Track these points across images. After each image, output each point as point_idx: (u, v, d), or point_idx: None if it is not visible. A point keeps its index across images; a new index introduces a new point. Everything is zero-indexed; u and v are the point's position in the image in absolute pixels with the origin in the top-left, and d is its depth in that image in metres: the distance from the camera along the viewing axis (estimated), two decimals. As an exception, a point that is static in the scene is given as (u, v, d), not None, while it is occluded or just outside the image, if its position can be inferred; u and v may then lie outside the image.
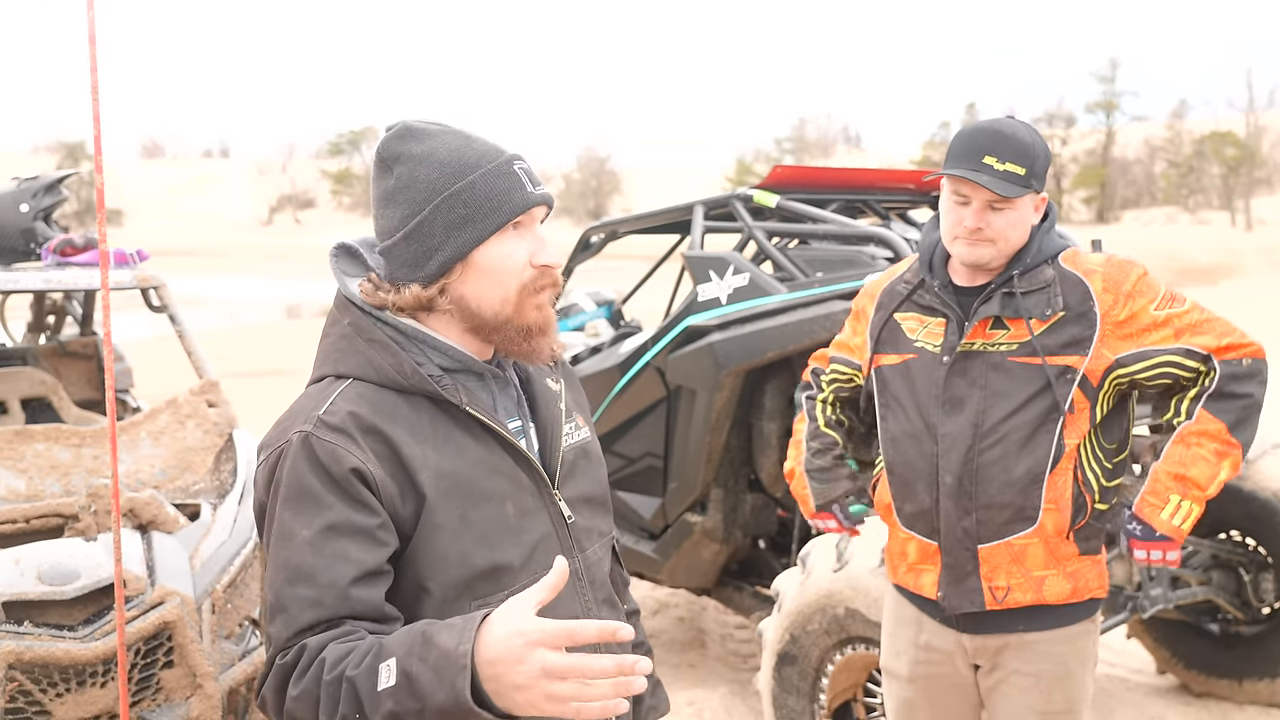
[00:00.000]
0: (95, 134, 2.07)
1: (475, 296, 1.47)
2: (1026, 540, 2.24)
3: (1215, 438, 2.20)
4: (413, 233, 1.46)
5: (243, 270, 47.13)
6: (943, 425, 2.26)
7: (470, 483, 1.44)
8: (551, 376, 1.65)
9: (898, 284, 2.43)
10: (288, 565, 1.36)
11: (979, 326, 2.25)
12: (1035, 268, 2.23)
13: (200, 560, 3.32)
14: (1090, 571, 2.29)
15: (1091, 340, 2.19)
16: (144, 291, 4.37)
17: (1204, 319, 2.23)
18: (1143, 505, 2.24)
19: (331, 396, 1.45)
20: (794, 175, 4.56)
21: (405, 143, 1.49)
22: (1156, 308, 2.21)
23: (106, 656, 2.97)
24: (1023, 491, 2.22)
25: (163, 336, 15.97)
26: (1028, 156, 2.16)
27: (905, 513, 2.37)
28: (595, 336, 5.26)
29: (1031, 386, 2.20)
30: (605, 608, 1.59)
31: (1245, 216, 52.92)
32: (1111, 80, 67.36)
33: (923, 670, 2.43)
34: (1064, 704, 2.31)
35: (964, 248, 2.22)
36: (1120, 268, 2.24)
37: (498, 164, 1.47)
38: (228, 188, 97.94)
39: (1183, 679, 4.39)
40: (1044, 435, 2.20)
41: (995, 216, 2.17)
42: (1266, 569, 4.12)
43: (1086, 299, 2.21)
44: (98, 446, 3.78)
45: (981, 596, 2.27)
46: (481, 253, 1.46)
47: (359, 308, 1.50)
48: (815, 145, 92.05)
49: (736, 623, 5.54)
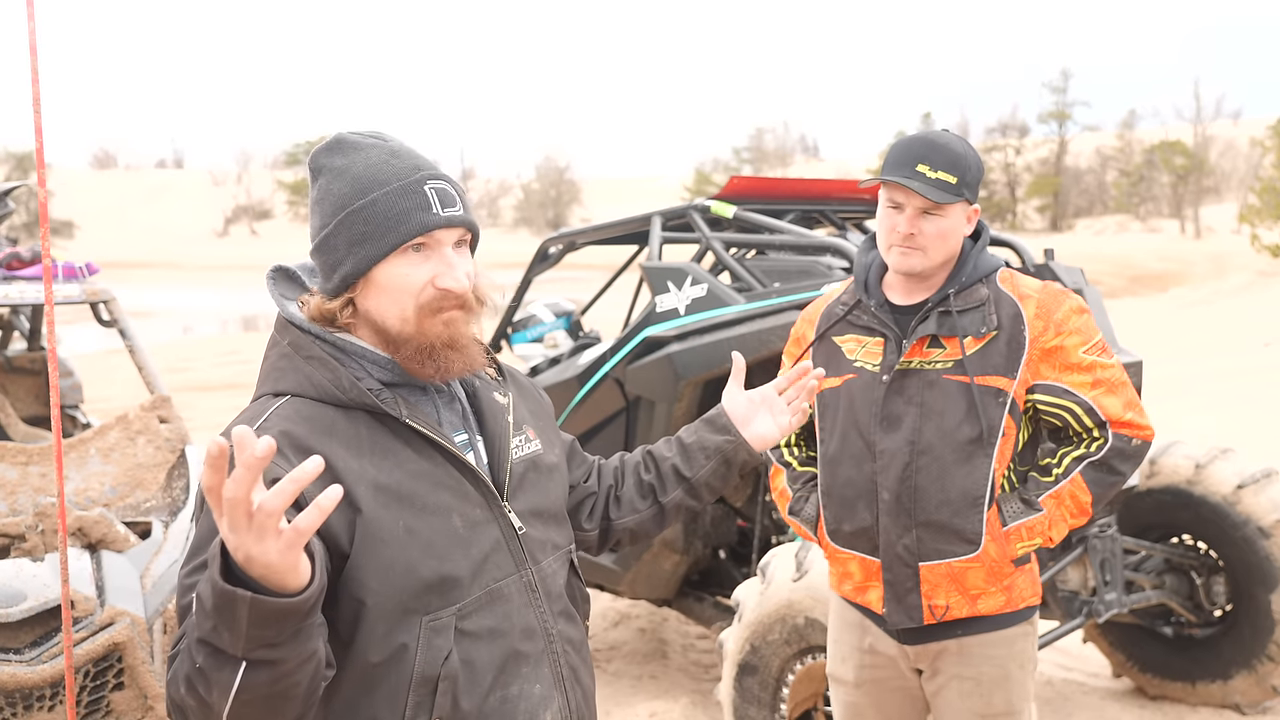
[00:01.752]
0: (38, 146, 2.03)
1: (378, 312, 1.48)
2: (967, 564, 2.29)
3: (1080, 509, 2.29)
4: (320, 245, 1.49)
5: (198, 282, 46.59)
6: (881, 442, 2.30)
7: (411, 495, 1.43)
8: (499, 390, 1.64)
9: (835, 306, 2.47)
10: (194, 556, 1.32)
11: (916, 345, 2.30)
12: (970, 286, 2.29)
13: (152, 579, 3.26)
14: (1024, 581, 2.34)
15: (1020, 363, 2.24)
16: (94, 306, 4.30)
17: (1121, 382, 2.29)
18: (1011, 533, 2.29)
19: (266, 413, 1.44)
20: (750, 186, 4.58)
21: (331, 155, 1.51)
22: (1086, 351, 2.26)
23: (54, 679, 2.91)
24: (960, 513, 2.25)
25: (114, 350, 15.69)
26: (959, 166, 2.22)
27: (844, 533, 2.39)
28: (554, 348, 5.24)
29: (964, 404, 2.25)
30: (562, 620, 1.58)
31: (1194, 225, 53.94)
32: (1063, 90, 68.46)
33: (868, 675, 2.46)
34: (1004, 706, 2.35)
35: (897, 256, 2.28)
36: (1055, 297, 2.29)
37: (406, 183, 1.46)
38: (182, 198, 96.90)
39: (1138, 682, 4.44)
40: (980, 458, 2.25)
41: (927, 223, 2.23)
42: (1217, 572, 4.19)
43: (1018, 322, 2.26)
44: (45, 464, 3.71)
45: (921, 613, 2.32)
46: (380, 270, 1.46)
47: (298, 327, 1.50)
48: (773, 155, 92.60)
49: (698, 633, 5.53)
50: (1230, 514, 4.08)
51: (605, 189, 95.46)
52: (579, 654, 1.60)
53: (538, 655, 1.51)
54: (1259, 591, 4.04)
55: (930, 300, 2.29)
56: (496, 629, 1.47)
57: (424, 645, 1.40)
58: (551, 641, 1.54)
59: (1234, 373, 13.21)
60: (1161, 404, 9.72)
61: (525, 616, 1.51)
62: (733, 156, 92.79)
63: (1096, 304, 4.02)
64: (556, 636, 1.55)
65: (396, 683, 1.40)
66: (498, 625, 1.47)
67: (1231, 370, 13.49)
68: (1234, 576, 4.12)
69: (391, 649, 1.39)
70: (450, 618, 1.42)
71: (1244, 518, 4.05)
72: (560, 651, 1.55)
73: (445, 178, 1.50)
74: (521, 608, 1.50)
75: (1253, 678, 4.10)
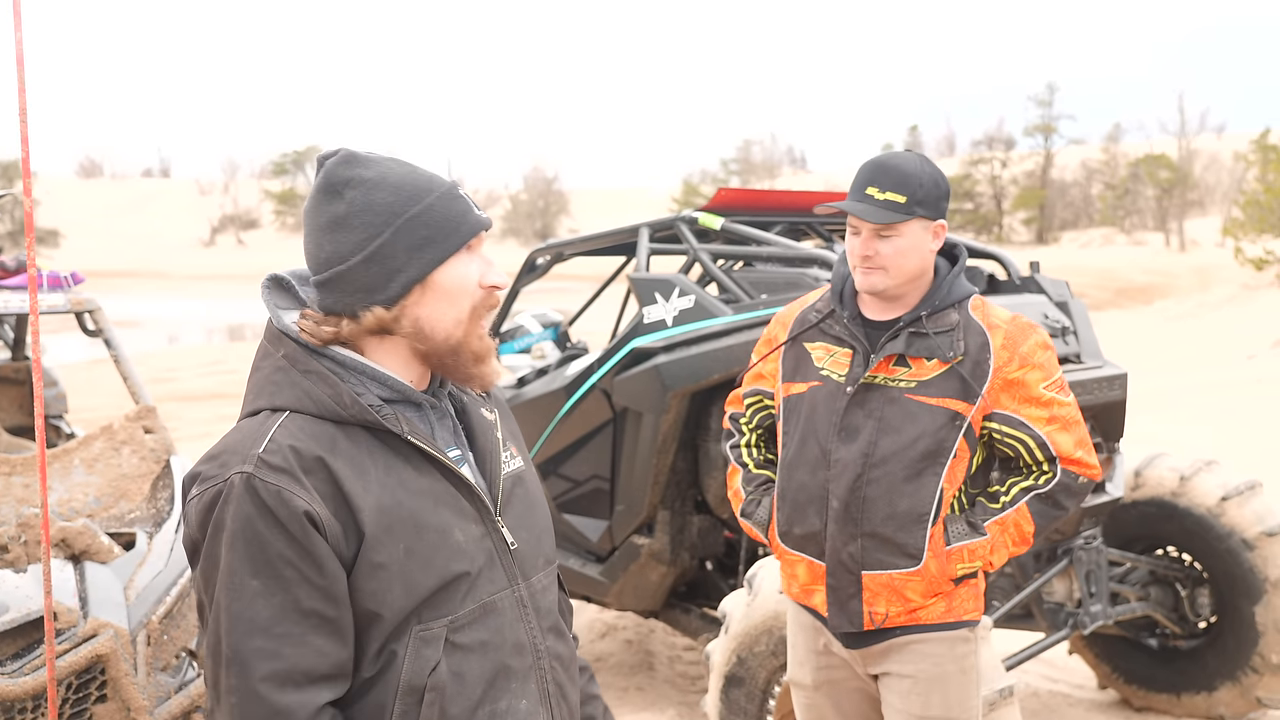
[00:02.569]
0: (24, 156, 2.02)
1: (430, 319, 1.47)
2: (908, 577, 2.34)
3: (1022, 538, 2.36)
4: (374, 255, 1.44)
5: (184, 292, 46.42)
6: (836, 452, 2.35)
7: (412, 515, 1.42)
8: (485, 407, 1.64)
9: (809, 313, 2.51)
10: (242, 618, 1.34)
11: (883, 362, 2.35)
12: (942, 310, 2.35)
13: (135, 591, 3.24)
14: (965, 593, 2.40)
15: (981, 390, 2.30)
16: (78, 315, 4.28)
17: (1074, 420, 2.36)
18: (953, 553, 2.34)
19: (270, 431, 1.40)
20: (738, 198, 4.59)
21: (354, 168, 1.47)
22: (1046, 387, 2.33)
23: (36, 692, 2.88)
24: (904, 528, 2.31)
25: (99, 360, 15.63)
26: (908, 185, 2.27)
27: (794, 535, 2.45)
28: (541, 359, 5.23)
29: (921, 424, 2.30)
30: (551, 636, 1.58)
31: (1179, 238, 54.26)
32: (1049, 104, 68.81)
33: (824, 676, 2.52)
34: (942, 710, 2.38)
35: (860, 275, 2.34)
36: (1022, 330, 2.36)
37: (448, 189, 1.50)
38: (168, 208, 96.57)
39: (1123, 694, 4.46)
40: (929, 476, 2.31)
41: (882, 244, 2.29)
42: (1202, 584, 4.21)
43: (985, 350, 2.32)
44: (28, 474, 3.68)
45: (861, 619, 2.37)
46: (441, 273, 1.47)
47: (294, 340, 1.47)
48: (761, 167, 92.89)
49: (684, 645, 5.52)
50: (1215, 526, 4.10)
51: (593, 200, 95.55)
52: (566, 671, 1.60)
53: (525, 671, 1.51)
54: (1243, 603, 4.06)
55: (902, 319, 2.35)
56: (488, 643, 1.47)
57: (412, 654, 1.40)
58: (540, 658, 1.54)
59: (1218, 385, 13.29)
60: (1146, 416, 9.77)
61: (516, 631, 1.51)
62: (720, 168, 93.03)
63: (1082, 316, 4.04)
64: (545, 653, 1.55)
65: (383, 690, 1.40)
66: (489, 639, 1.47)
67: (1216, 383, 13.57)
68: (1218, 588, 4.14)
69: (381, 659, 1.40)
70: (442, 629, 1.42)
71: (1228, 530, 4.07)
72: (548, 668, 1.55)
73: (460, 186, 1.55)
74: (513, 622, 1.50)
75: (1237, 689, 4.12)
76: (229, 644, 1.34)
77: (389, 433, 1.44)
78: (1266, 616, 4.01)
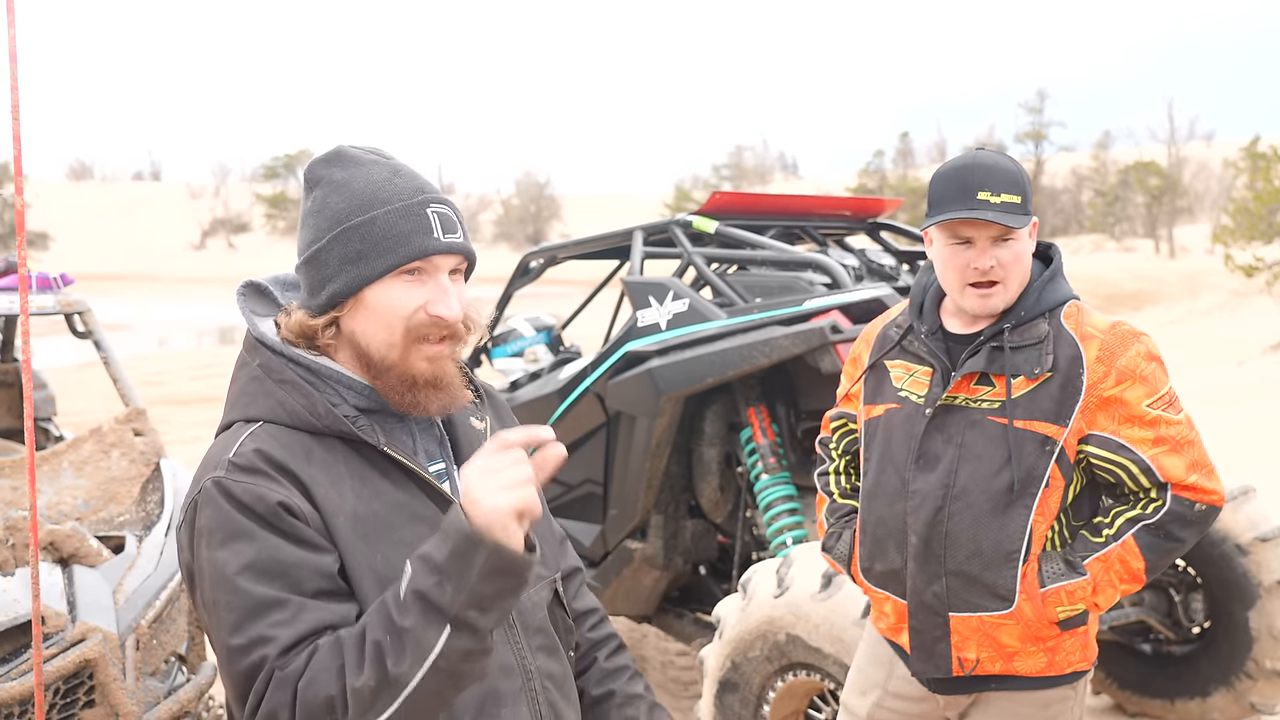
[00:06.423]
0: (16, 154, 2.00)
1: (364, 335, 1.42)
2: (1000, 620, 2.10)
3: (1131, 575, 2.08)
4: (311, 259, 1.43)
5: (174, 295, 46.31)
6: (914, 482, 2.13)
7: (388, 527, 1.38)
8: (476, 415, 1.58)
9: (890, 329, 2.31)
10: (236, 606, 1.28)
11: (964, 380, 2.12)
12: (1030, 320, 2.11)
13: (124, 594, 3.21)
14: (1071, 644, 2.14)
15: (1074, 410, 2.05)
16: (68, 317, 4.26)
17: (1187, 440, 2.07)
18: (1049, 595, 2.09)
19: (239, 440, 1.38)
20: (732, 201, 4.58)
21: (329, 167, 1.45)
22: (1151, 404, 2.06)
23: (23, 697, 2.85)
24: (991, 566, 2.07)
25: (88, 363, 15.57)
26: (1020, 184, 2.06)
27: (876, 572, 2.25)
28: (534, 362, 5.22)
29: (1007, 450, 2.06)
30: (542, 655, 1.50)
31: (1169, 244, 54.55)
32: (1039, 111, 69.14)
33: (883, 715, 2.35)
34: None
35: (975, 299, 2.09)
36: (1122, 339, 2.08)
37: (409, 204, 1.41)
38: (159, 211, 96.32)
39: (1117, 699, 4.45)
40: (1018, 509, 2.06)
41: (1002, 251, 2.06)
42: (1196, 589, 4.20)
43: (1077, 364, 2.06)
44: (17, 477, 3.66)
45: (949, 664, 2.15)
46: (372, 291, 1.40)
47: (269, 348, 1.45)
48: (753, 172, 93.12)
49: (678, 650, 5.50)
50: (1208, 531, 4.09)
51: (585, 205, 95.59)
52: (560, 690, 1.52)
53: (515, 694, 1.44)
54: (1237, 609, 4.05)
55: (983, 333, 2.11)
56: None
57: None
58: (530, 679, 1.47)
59: (1208, 391, 13.32)
60: (1138, 422, 9.77)
61: (503, 653, 1.44)
62: (712, 174, 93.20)
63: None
64: (535, 673, 1.48)
65: None
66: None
67: (1206, 389, 13.61)
68: (1212, 594, 4.14)
69: None
70: None
71: (1222, 535, 4.06)
72: (539, 689, 1.48)
73: (447, 202, 1.46)
74: (499, 644, 1.43)
75: (1231, 695, 4.11)
76: (239, 635, 1.28)
77: (365, 443, 1.40)
78: (1260, 622, 4.01)
